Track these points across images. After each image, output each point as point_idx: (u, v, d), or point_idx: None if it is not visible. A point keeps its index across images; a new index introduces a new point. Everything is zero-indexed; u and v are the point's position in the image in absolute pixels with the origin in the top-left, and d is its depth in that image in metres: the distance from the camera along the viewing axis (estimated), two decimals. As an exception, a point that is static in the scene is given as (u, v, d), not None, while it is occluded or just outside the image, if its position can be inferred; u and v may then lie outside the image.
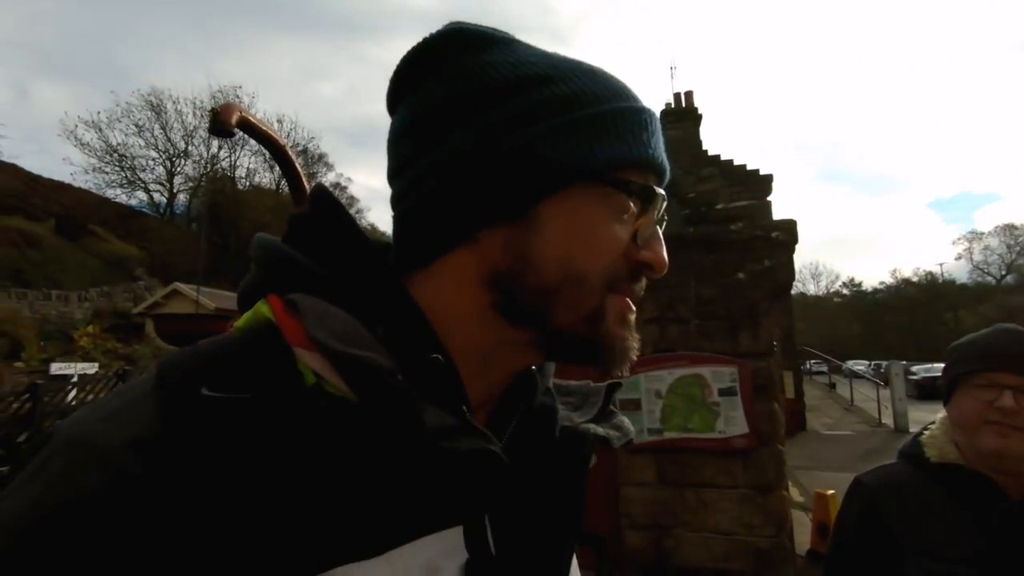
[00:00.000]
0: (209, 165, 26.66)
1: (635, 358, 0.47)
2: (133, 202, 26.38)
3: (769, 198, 12.67)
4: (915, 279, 48.59)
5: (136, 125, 24.71)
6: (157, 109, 24.88)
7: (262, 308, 0.40)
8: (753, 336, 4.09)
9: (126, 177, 25.33)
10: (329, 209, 0.44)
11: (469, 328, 0.44)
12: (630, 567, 4.14)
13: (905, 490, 1.12)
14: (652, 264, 0.46)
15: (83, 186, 24.21)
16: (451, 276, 0.44)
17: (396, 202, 0.47)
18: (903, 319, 44.43)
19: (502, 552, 0.42)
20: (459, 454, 0.36)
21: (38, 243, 18.64)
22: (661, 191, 0.46)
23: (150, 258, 21.65)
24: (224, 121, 1.01)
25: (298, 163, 1.14)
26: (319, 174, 25.16)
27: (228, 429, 0.34)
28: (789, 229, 4.20)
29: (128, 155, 24.96)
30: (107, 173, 24.77)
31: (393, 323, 0.41)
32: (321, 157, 30.39)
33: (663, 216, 0.47)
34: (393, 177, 0.48)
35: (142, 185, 26.06)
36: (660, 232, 0.47)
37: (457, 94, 0.44)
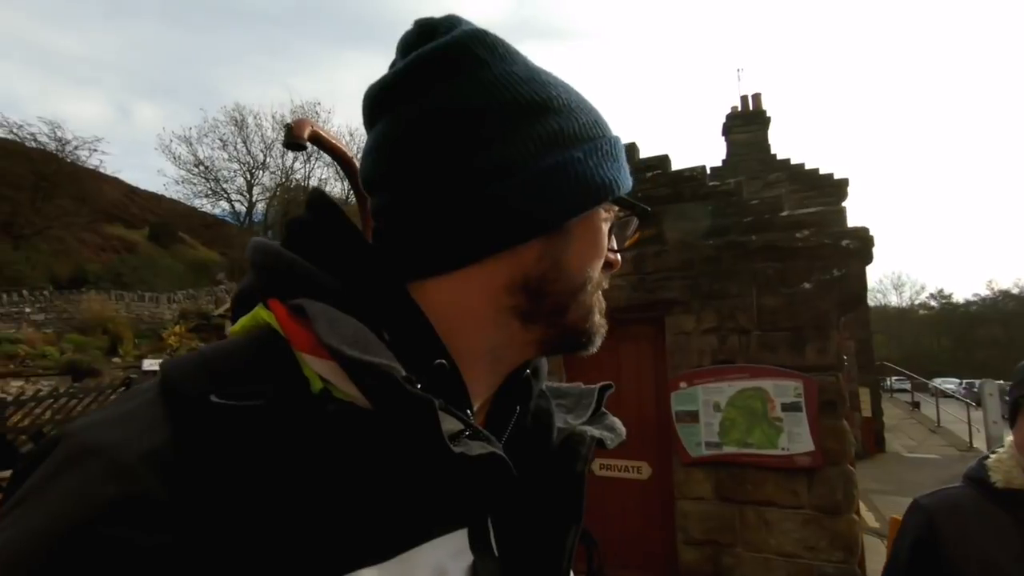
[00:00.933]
0: (284, 176, 28.20)
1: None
2: (216, 211, 28.33)
3: (844, 203, 12.00)
4: (1015, 291, 44.40)
5: (221, 139, 26.55)
6: (239, 124, 26.63)
7: (261, 313, 0.40)
8: (820, 349, 3.89)
9: (211, 188, 27.17)
10: (328, 213, 0.44)
11: (485, 330, 0.46)
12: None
13: (966, 514, 1.06)
14: (614, 264, 0.53)
15: (174, 196, 26.38)
16: (476, 282, 0.45)
17: (395, 208, 0.46)
18: (1000, 334, 40.62)
19: (505, 553, 0.43)
20: (470, 459, 0.36)
21: (134, 249, 20.36)
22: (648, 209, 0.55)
23: (230, 263, 23.15)
24: (297, 136, 1.07)
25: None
26: (385, 183, 25.89)
27: (241, 437, 0.33)
28: (862, 237, 3.97)
29: (213, 167, 26.86)
30: (195, 184, 26.68)
31: (398, 328, 0.41)
32: (387, 166, 31.30)
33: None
34: (384, 182, 0.46)
35: (225, 195, 27.93)
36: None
37: (485, 104, 0.44)
